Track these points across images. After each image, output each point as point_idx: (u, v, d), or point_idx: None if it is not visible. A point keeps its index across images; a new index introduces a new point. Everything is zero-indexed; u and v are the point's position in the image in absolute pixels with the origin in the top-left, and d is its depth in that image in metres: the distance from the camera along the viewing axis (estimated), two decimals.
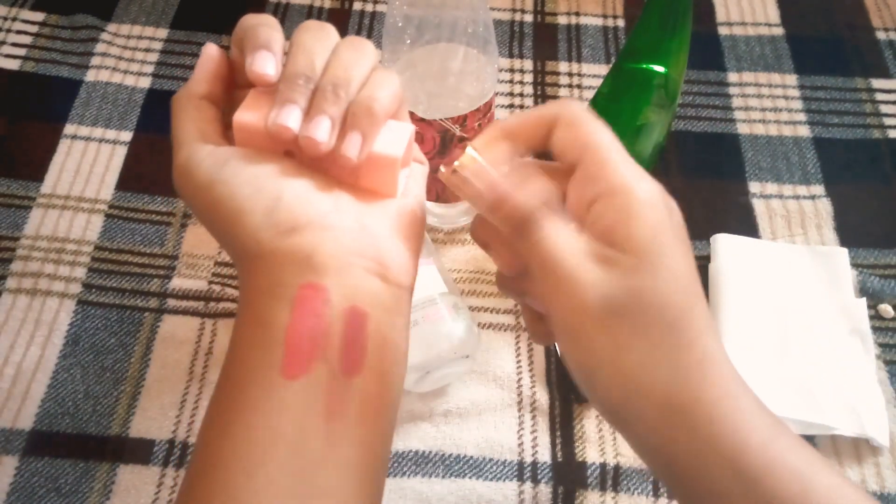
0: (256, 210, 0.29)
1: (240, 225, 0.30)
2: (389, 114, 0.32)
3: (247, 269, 0.30)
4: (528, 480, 0.51)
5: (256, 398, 0.28)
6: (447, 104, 0.50)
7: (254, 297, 0.30)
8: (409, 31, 0.47)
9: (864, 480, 0.51)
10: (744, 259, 0.59)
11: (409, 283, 0.32)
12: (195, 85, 0.33)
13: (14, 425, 0.53)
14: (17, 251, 0.60)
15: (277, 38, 0.32)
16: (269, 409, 0.28)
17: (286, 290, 0.29)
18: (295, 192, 0.30)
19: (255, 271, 0.30)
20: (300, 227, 0.29)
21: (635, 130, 0.52)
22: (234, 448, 0.27)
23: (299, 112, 0.30)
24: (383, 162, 0.31)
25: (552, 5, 0.78)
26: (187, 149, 0.32)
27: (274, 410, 0.28)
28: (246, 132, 0.31)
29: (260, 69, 0.31)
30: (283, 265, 0.29)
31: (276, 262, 0.29)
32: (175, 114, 0.33)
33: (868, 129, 0.69)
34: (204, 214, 0.31)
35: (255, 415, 0.28)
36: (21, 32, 0.73)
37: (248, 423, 0.28)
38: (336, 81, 0.30)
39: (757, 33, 0.76)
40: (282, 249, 0.29)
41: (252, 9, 0.77)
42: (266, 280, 0.29)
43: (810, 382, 0.53)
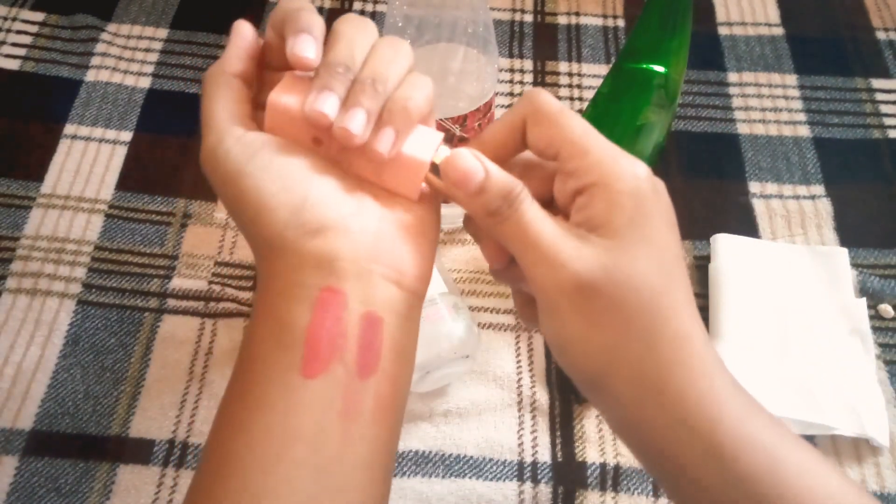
0: (283, 208, 0.30)
1: (265, 221, 0.30)
2: (423, 115, 0.32)
3: (267, 264, 0.31)
4: (528, 480, 0.51)
5: (275, 396, 0.28)
6: (447, 104, 0.50)
7: (273, 296, 0.30)
8: (409, 31, 0.47)
9: (864, 480, 0.51)
10: (744, 259, 0.59)
11: (423, 289, 0.32)
12: (229, 62, 0.33)
13: (14, 425, 0.53)
14: (17, 251, 0.60)
15: (319, 23, 0.31)
16: (288, 408, 0.28)
17: (307, 292, 0.29)
18: (322, 192, 0.30)
19: (276, 270, 0.30)
20: (325, 228, 0.30)
21: (635, 130, 0.52)
22: (251, 446, 0.28)
23: (337, 100, 0.30)
24: (411, 164, 0.31)
25: (552, 5, 0.78)
26: (217, 132, 0.31)
27: (292, 409, 0.28)
28: (280, 114, 0.31)
29: (301, 52, 0.30)
30: (305, 267, 0.29)
31: (298, 263, 0.30)
32: (207, 91, 0.32)
33: (868, 129, 0.69)
34: (229, 203, 0.32)
35: (273, 413, 0.28)
36: (21, 32, 0.73)
37: (266, 422, 0.28)
38: (375, 76, 0.30)
39: (757, 33, 0.76)
40: (305, 250, 0.29)
41: (252, 9, 0.78)
42: (286, 280, 0.30)
43: (810, 382, 0.53)
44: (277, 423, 0.28)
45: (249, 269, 0.60)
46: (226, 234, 0.62)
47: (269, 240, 0.30)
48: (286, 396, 0.28)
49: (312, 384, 0.28)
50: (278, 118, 0.32)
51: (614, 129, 0.53)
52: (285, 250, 0.30)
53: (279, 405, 0.28)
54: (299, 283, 0.29)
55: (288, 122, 0.31)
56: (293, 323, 0.29)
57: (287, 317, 0.29)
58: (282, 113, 0.31)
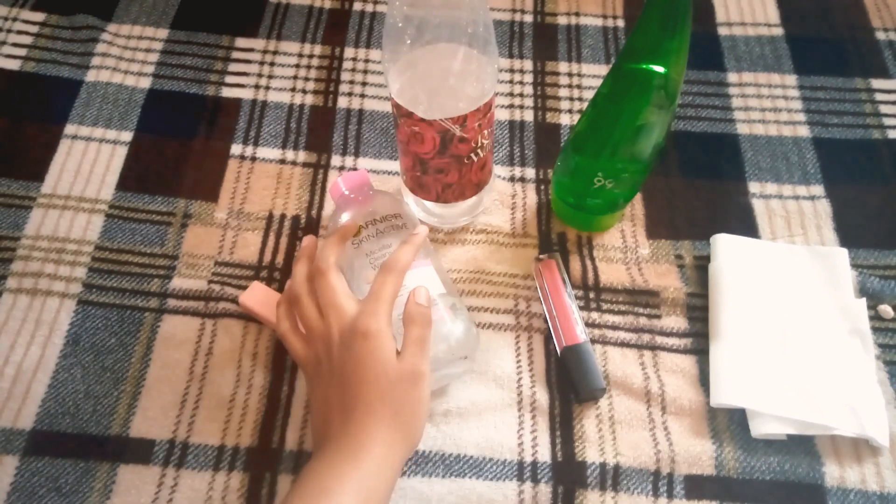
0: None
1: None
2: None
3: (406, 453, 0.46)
4: (528, 480, 0.51)
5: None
6: (447, 104, 0.50)
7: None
8: (409, 31, 0.47)
9: (865, 480, 0.51)
10: (744, 259, 0.59)
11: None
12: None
13: (14, 425, 0.53)
14: (18, 251, 0.60)
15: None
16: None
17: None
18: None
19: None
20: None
21: (635, 130, 0.52)
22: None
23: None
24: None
25: (552, 5, 0.78)
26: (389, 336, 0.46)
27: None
28: (248, 308, 0.56)
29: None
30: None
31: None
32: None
33: (868, 129, 0.69)
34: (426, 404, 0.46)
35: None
36: (21, 33, 0.73)
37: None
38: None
39: (757, 33, 0.76)
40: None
41: (252, 9, 0.78)
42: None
43: (810, 382, 0.54)
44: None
45: (249, 269, 0.60)
46: (226, 234, 0.62)
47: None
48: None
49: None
50: (245, 309, 0.57)
51: (614, 129, 0.53)
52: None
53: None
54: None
55: (252, 310, 0.56)
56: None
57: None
58: (247, 307, 0.56)
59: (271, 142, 0.68)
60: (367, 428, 0.43)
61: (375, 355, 0.44)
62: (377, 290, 0.47)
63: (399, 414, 0.44)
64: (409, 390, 0.44)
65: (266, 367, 0.56)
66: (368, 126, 0.69)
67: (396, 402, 0.44)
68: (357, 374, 0.44)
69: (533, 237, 0.62)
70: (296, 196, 0.64)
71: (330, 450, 0.43)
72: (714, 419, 0.54)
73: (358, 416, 0.44)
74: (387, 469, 0.43)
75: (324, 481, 0.41)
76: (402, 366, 0.45)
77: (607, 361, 0.56)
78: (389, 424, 0.44)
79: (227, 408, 0.54)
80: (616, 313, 0.58)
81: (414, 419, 0.45)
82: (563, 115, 0.70)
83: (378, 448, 0.43)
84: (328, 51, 0.74)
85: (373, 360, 0.44)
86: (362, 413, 0.44)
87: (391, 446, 0.43)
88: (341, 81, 0.72)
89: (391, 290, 0.47)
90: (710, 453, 0.52)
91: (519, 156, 0.67)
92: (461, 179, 0.56)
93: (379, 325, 0.45)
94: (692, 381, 0.55)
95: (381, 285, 0.47)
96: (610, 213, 0.60)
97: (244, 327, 0.57)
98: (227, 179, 0.65)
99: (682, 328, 0.58)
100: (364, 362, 0.44)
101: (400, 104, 0.50)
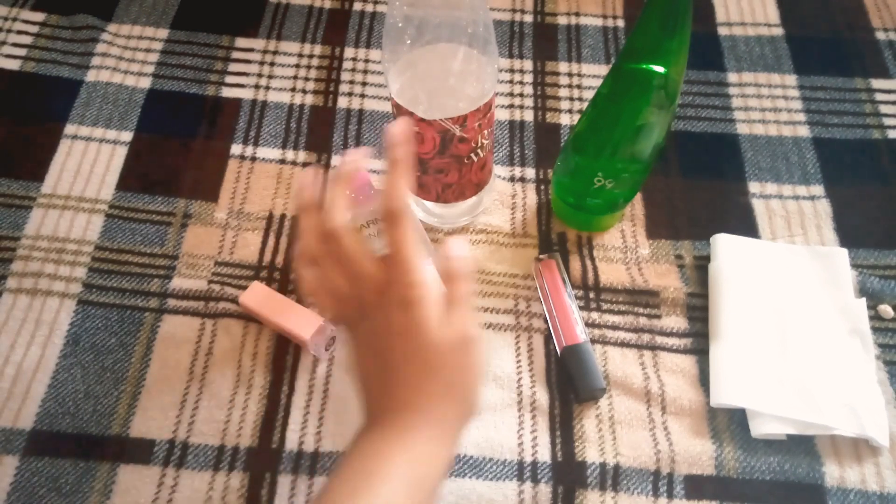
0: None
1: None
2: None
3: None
4: (528, 480, 0.51)
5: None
6: (447, 104, 0.50)
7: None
8: (409, 31, 0.47)
9: (865, 480, 0.51)
10: (744, 259, 0.59)
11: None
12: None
13: (14, 425, 0.53)
14: (18, 251, 0.60)
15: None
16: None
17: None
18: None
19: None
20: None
21: (635, 131, 0.52)
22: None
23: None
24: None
25: (552, 5, 0.78)
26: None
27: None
28: (248, 308, 0.56)
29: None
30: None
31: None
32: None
33: (868, 129, 0.69)
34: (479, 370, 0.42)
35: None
36: (21, 33, 0.73)
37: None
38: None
39: (757, 33, 0.76)
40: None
41: (252, 9, 0.78)
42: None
43: (810, 382, 0.54)
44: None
45: (249, 269, 0.60)
46: (226, 234, 0.62)
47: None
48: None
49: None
50: (246, 309, 0.56)
51: (614, 129, 0.53)
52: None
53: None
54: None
55: (251, 310, 0.56)
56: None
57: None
58: (247, 307, 0.55)
59: (271, 142, 0.68)
60: (418, 406, 0.38)
61: (419, 326, 0.38)
62: (398, 249, 0.39)
63: (453, 386, 0.39)
64: (461, 359, 0.39)
65: (266, 367, 0.55)
66: (368, 126, 0.69)
67: (448, 373, 0.39)
68: (399, 349, 0.39)
69: (533, 237, 0.62)
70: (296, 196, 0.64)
71: (377, 428, 0.38)
72: (714, 419, 0.54)
73: (404, 393, 0.38)
74: (441, 450, 0.38)
75: (371, 463, 0.37)
76: (451, 331, 0.38)
77: (607, 361, 0.56)
78: (443, 399, 0.39)
79: (227, 408, 0.54)
80: (616, 313, 0.58)
81: (470, 389, 0.40)
82: (563, 115, 0.70)
83: (430, 428, 0.38)
84: (328, 51, 0.74)
85: (416, 331, 0.38)
86: (410, 391, 0.38)
87: (445, 424, 0.39)
88: (341, 81, 0.72)
89: (412, 240, 0.39)
90: (710, 453, 0.52)
91: (519, 156, 0.67)
92: (461, 179, 0.56)
93: (419, 293, 0.38)
94: (692, 381, 0.55)
95: (400, 242, 0.39)
96: (610, 213, 0.60)
97: (244, 327, 0.57)
98: (227, 179, 0.65)
99: (682, 328, 0.58)
100: (405, 335, 0.38)
101: (400, 104, 0.50)
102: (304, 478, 0.51)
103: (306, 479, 0.51)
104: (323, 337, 0.55)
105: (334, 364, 0.56)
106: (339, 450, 0.52)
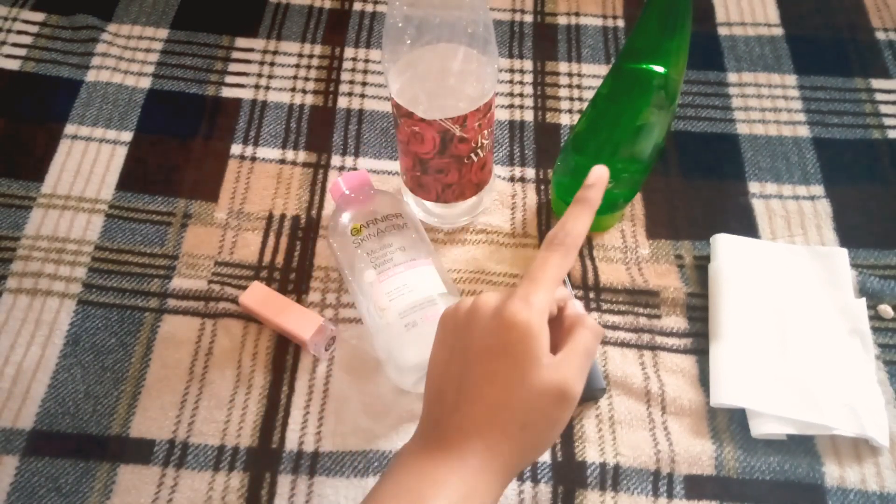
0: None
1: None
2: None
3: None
4: (528, 480, 0.51)
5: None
6: (447, 104, 0.50)
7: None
8: (409, 31, 0.47)
9: (865, 480, 0.51)
10: (744, 259, 0.59)
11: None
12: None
13: (14, 425, 0.53)
14: (18, 251, 0.60)
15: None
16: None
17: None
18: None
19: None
20: None
21: (635, 131, 0.52)
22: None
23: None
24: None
25: (552, 5, 0.78)
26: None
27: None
28: (247, 308, 0.56)
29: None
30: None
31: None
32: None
33: (868, 129, 0.69)
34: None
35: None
36: (21, 33, 0.73)
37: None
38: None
39: (757, 33, 0.76)
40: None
41: (252, 9, 0.78)
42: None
43: (810, 382, 0.54)
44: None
45: (249, 269, 0.60)
46: (226, 234, 0.62)
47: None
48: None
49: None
50: (246, 309, 0.56)
51: (614, 129, 0.53)
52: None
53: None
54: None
55: (251, 310, 0.56)
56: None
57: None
58: (247, 307, 0.56)
59: (271, 142, 0.68)
60: (487, 437, 0.35)
61: (518, 353, 0.35)
62: (535, 269, 0.37)
63: (527, 430, 0.35)
64: (548, 408, 0.35)
65: (266, 367, 0.55)
66: (368, 126, 0.69)
67: (529, 416, 0.35)
68: (489, 369, 0.36)
69: (533, 237, 0.62)
70: (296, 196, 0.64)
71: (435, 449, 0.36)
72: (714, 419, 0.54)
73: (478, 415, 0.36)
74: (494, 488, 0.35)
75: (421, 485, 0.35)
76: (552, 376, 0.35)
77: (607, 361, 0.56)
78: (514, 440, 0.35)
79: (227, 408, 0.54)
80: (616, 313, 0.58)
81: (541, 441, 0.36)
82: (563, 115, 0.70)
83: (491, 463, 0.35)
84: (328, 51, 0.74)
85: (513, 358, 0.35)
86: (483, 415, 0.35)
87: (508, 465, 0.36)
88: (341, 81, 0.72)
89: (555, 271, 0.37)
90: (710, 453, 0.52)
91: (519, 156, 0.67)
92: (461, 179, 0.56)
93: (529, 316, 0.35)
94: (692, 381, 0.55)
95: (541, 263, 0.37)
96: (610, 213, 0.60)
97: (244, 327, 0.57)
98: (227, 179, 0.65)
99: (682, 328, 0.58)
100: (501, 358, 0.35)
101: (400, 104, 0.50)
102: (304, 478, 0.51)
103: (306, 479, 0.51)
104: (323, 337, 0.55)
105: (334, 364, 0.56)
106: (339, 450, 0.52)
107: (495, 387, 0.35)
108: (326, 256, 0.61)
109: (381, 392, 0.54)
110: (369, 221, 0.54)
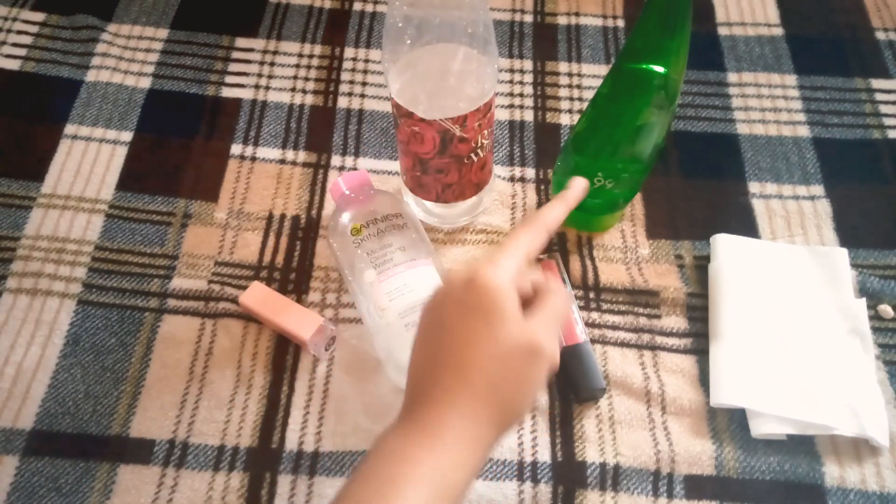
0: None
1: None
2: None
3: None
4: (528, 480, 0.51)
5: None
6: (447, 104, 0.50)
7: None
8: (409, 31, 0.47)
9: (865, 480, 0.51)
10: (744, 259, 0.59)
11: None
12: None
13: (14, 425, 0.53)
14: (18, 251, 0.60)
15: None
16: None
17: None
18: None
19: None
20: None
21: (635, 131, 0.52)
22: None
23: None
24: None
25: (552, 5, 0.78)
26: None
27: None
28: (247, 307, 0.56)
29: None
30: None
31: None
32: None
33: (868, 129, 0.69)
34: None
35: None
36: (21, 33, 0.73)
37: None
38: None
39: (757, 33, 0.76)
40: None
41: (252, 9, 0.78)
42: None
43: (810, 382, 0.54)
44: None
45: (249, 269, 0.60)
46: (226, 234, 0.62)
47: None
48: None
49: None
50: (246, 309, 0.56)
51: (614, 129, 0.53)
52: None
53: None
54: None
55: (252, 310, 0.56)
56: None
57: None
58: (247, 307, 0.56)
59: (271, 142, 0.68)
60: (456, 401, 0.35)
61: (488, 311, 0.36)
62: (505, 239, 0.38)
63: (499, 391, 0.36)
64: (521, 366, 0.36)
65: (266, 367, 0.56)
66: (368, 126, 0.69)
67: (500, 375, 0.36)
68: (460, 332, 0.36)
69: None
70: (296, 196, 0.64)
71: (408, 425, 0.36)
72: (714, 419, 0.54)
73: (448, 381, 0.36)
74: (471, 454, 0.35)
75: (393, 466, 0.34)
76: (521, 332, 0.36)
77: (607, 361, 0.56)
78: (486, 399, 0.36)
79: (227, 408, 0.54)
80: (616, 313, 0.58)
81: (515, 401, 0.37)
82: (563, 115, 0.70)
83: (464, 428, 0.35)
84: (328, 51, 0.74)
85: (483, 315, 0.36)
86: (455, 380, 0.36)
87: (481, 427, 0.36)
88: (341, 81, 0.72)
89: (524, 241, 0.38)
90: (710, 453, 0.52)
91: (519, 156, 0.67)
92: (461, 179, 0.56)
93: (495, 275, 0.36)
94: (692, 381, 0.55)
95: (511, 235, 0.39)
96: (610, 213, 0.60)
97: (244, 327, 0.57)
98: (227, 179, 0.65)
99: (682, 328, 0.58)
100: (471, 318, 0.36)
101: (400, 104, 0.50)
102: (304, 478, 0.51)
103: (306, 479, 0.51)
104: (323, 337, 0.55)
105: (334, 364, 0.56)
106: (339, 450, 0.52)
107: (466, 348, 0.36)
108: (326, 256, 0.61)
109: (381, 392, 0.54)
110: (369, 221, 0.54)
